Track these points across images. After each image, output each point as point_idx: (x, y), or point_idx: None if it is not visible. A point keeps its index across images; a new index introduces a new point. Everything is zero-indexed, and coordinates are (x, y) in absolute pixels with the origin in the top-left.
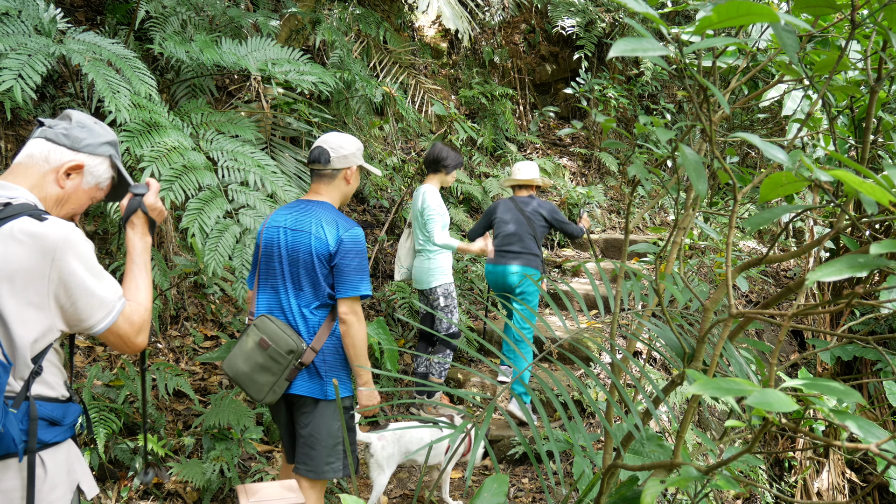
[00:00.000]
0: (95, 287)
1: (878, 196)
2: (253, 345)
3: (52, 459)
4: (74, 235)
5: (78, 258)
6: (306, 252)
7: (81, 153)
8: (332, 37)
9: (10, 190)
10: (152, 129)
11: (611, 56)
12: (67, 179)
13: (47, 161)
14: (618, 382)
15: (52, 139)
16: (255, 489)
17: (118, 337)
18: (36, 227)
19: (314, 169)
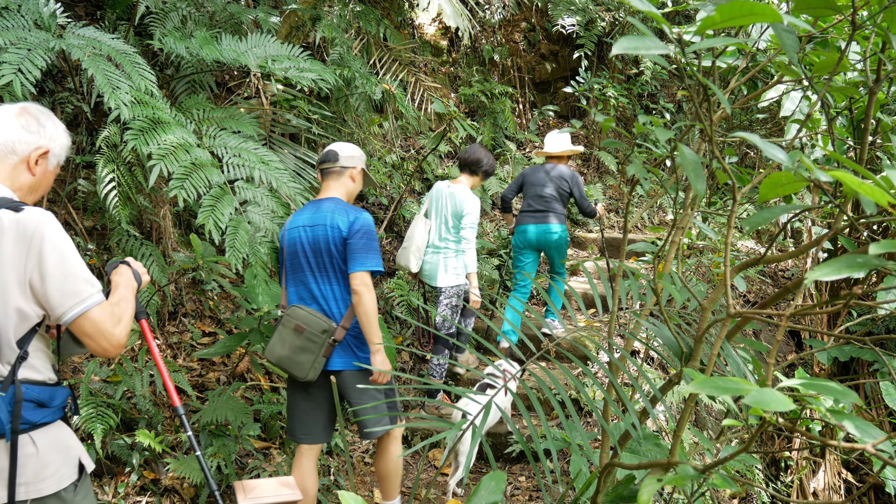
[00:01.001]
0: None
1: (877, 197)
2: (289, 331)
3: (43, 439)
4: (51, 225)
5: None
6: (325, 241)
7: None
8: (332, 34)
9: None
10: (157, 127)
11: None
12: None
13: (14, 153)
14: (615, 381)
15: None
16: (253, 486)
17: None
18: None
19: (324, 168)
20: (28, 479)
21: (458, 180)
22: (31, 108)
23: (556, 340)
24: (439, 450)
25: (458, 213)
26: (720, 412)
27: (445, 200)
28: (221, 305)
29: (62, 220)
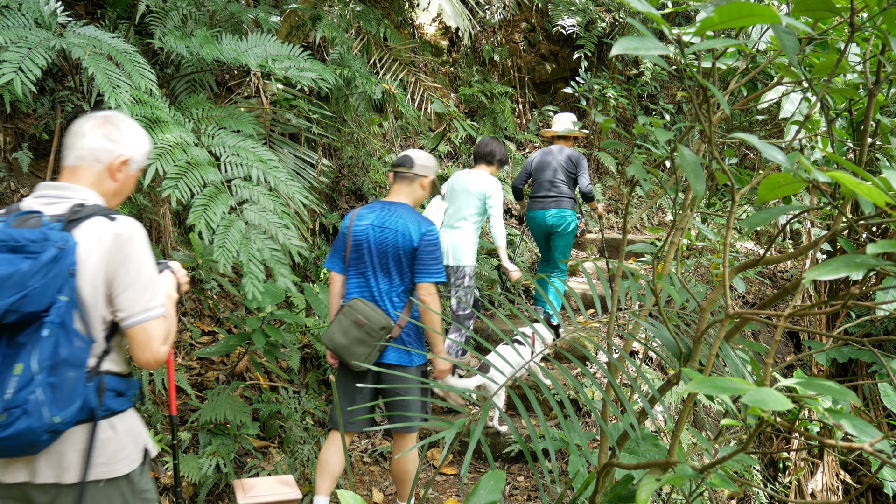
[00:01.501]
0: (143, 286)
1: (875, 198)
2: (349, 322)
3: (120, 424)
4: (139, 236)
5: (137, 257)
6: (393, 246)
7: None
8: (332, 33)
9: (76, 191)
10: (154, 125)
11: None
12: (119, 173)
13: (98, 160)
14: (614, 382)
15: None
16: (252, 484)
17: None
18: (108, 225)
19: (399, 172)
20: (106, 459)
21: (477, 168)
22: (113, 117)
23: (556, 340)
24: (438, 449)
25: (481, 193)
26: (718, 413)
27: (466, 184)
28: (221, 304)
29: None
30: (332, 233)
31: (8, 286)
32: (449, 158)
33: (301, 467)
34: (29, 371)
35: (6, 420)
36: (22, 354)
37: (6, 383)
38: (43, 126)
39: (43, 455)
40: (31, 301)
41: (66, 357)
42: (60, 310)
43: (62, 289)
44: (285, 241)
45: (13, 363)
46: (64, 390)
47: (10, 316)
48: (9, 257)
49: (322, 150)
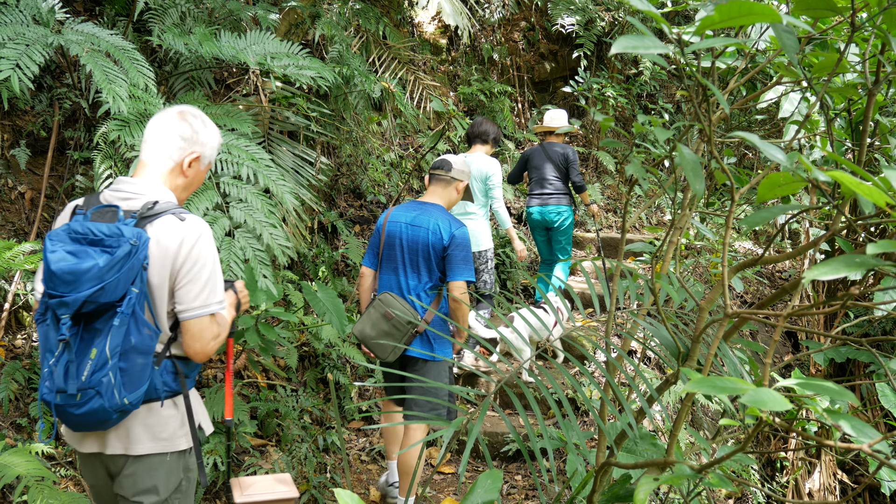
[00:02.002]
0: (205, 284)
1: (876, 198)
2: (378, 315)
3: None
4: (205, 237)
5: (203, 256)
6: (424, 244)
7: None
8: (331, 31)
9: (150, 187)
10: (145, 120)
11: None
12: (189, 168)
13: (171, 158)
14: (612, 381)
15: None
16: (249, 483)
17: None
18: (178, 225)
19: (436, 174)
20: (168, 435)
21: (473, 150)
22: (188, 113)
23: (555, 339)
24: (435, 448)
25: (483, 176)
26: (716, 412)
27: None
28: None
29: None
30: (330, 231)
31: (86, 279)
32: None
33: (299, 465)
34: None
35: (81, 399)
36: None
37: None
38: (41, 123)
39: (113, 429)
40: (106, 293)
41: (136, 344)
42: (132, 301)
43: (135, 281)
44: (270, 240)
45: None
46: (133, 375)
47: (87, 306)
48: (87, 250)
49: (321, 149)
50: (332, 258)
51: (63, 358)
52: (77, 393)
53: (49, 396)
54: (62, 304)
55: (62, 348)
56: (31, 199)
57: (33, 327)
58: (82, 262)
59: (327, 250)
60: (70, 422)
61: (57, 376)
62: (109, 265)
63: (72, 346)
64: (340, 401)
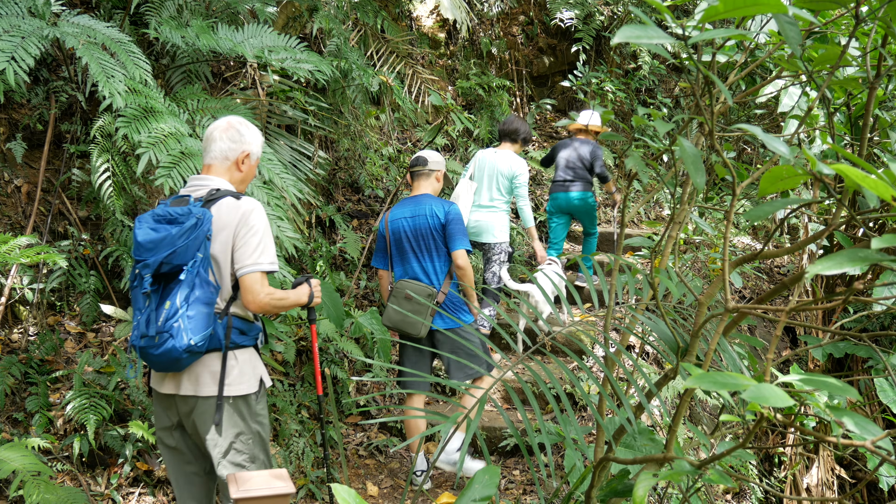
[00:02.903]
0: (256, 247)
1: (881, 191)
2: (400, 300)
3: (242, 356)
4: (257, 211)
5: (255, 225)
6: (426, 228)
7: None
8: (329, 25)
9: (213, 181)
10: (149, 115)
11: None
12: (243, 164)
13: (226, 158)
14: (611, 376)
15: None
16: (245, 478)
17: (250, 285)
18: (236, 203)
19: (415, 171)
20: (231, 381)
21: (502, 147)
22: (234, 121)
23: (553, 334)
24: (434, 443)
25: (510, 174)
26: (715, 407)
27: (494, 164)
28: None
29: (56, 210)
30: (328, 225)
31: (163, 245)
32: (446, 151)
33: (296, 461)
34: (174, 306)
35: (159, 341)
36: (170, 294)
37: (159, 315)
38: (37, 116)
39: (185, 374)
40: (178, 256)
41: (199, 297)
42: (197, 263)
43: (200, 248)
44: (279, 233)
45: (164, 301)
46: (198, 321)
47: (164, 266)
48: (165, 226)
49: (318, 143)
50: (329, 252)
51: (146, 310)
52: (155, 335)
53: (136, 341)
54: (145, 266)
55: (145, 302)
56: (28, 192)
57: (30, 321)
58: (160, 233)
59: (325, 245)
60: (151, 361)
61: (140, 324)
62: (179, 234)
63: (152, 299)
64: (338, 395)
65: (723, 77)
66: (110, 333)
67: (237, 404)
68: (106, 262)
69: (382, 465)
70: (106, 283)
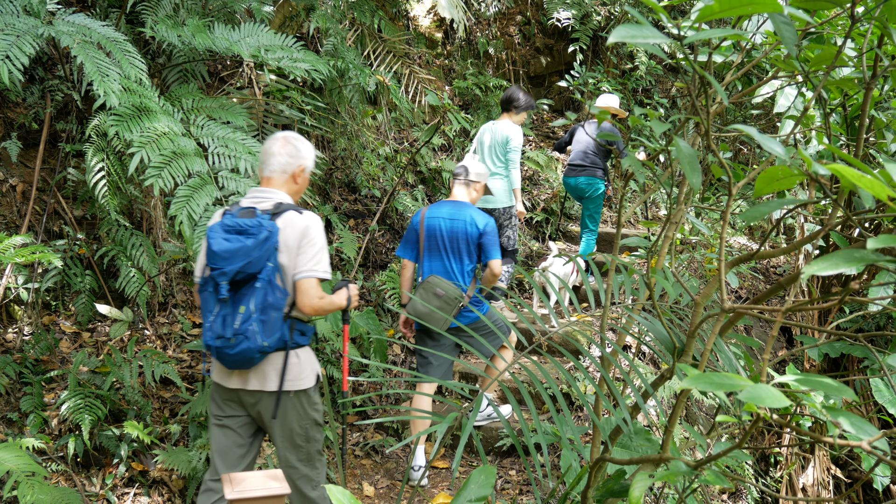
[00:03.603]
0: (314, 256)
1: (877, 191)
2: (430, 294)
3: (302, 354)
4: (317, 225)
5: (314, 237)
6: (463, 233)
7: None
8: (326, 24)
9: (274, 194)
10: (142, 114)
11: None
12: (299, 177)
13: (284, 171)
14: (607, 376)
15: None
16: (240, 479)
17: (306, 289)
18: (297, 217)
19: (458, 178)
20: (293, 377)
21: (502, 118)
22: (290, 137)
23: (549, 334)
24: (430, 443)
25: (504, 140)
26: (711, 407)
27: (493, 133)
28: None
29: (51, 209)
30: (325, 225)
31: (238, 255)
32: (443, 151)
33: None
34: (248, 311)
35: (235, 342)
36: (244, 300)
37: (235, 318)
38: (32, 115)
39: (252, 371)
40: (252, 265)
41: (271, 302)
42: (268, 272)
43: (270, 258)
44: None
45: (239, 305)
46: (269, 325)
47: (238, 275)
48: (238, 237)
49: (315, 142)
50: None
51: (220, 313)
52: (232, 337)
53: (211, 342)
54: (222, 274)
55: (220, 306)
56: (23, 192)
57: (25, 321)
58: (234, 244)
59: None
60: (226, 360)
61: (216, 327)
62: (254, 246)
63: (228, 304)
64: (334, 396)
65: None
66: (105, 333)
67: (298, 396)
68: (101, 262)
69: (378, 465)
70: (101, 283)
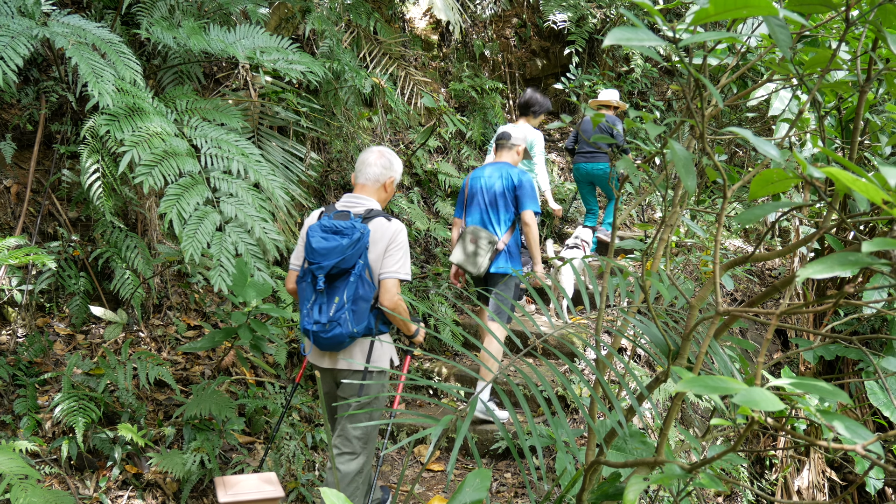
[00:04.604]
0: (398, 260)
1: (872, 194)
2: (468, 242)
3: (384, 339)
4: (402, 232)
5: (400, 243)
6: (500, 188)
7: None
8: (322, 26)
9: (366, 201)
10: (135, 114)
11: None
12: (388, 187)
13: (377, 181)
14: (602, 379)
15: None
16: (234, 482)
17: (388, 287)
18: (386, 222)
19: (500, 142)
20: (375, 358)
21: (520, 121)
22: (384, 151)
23: (544, 337)
24: (424, 445)
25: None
26: (706, 410)
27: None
28: (207, 299)
29: (45, 211)
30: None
31: (334, 253)
32: (439, 153)
33: (287, 463)
34: (342, 301)
35: (330, 328)
36: (338, 291)
37: (330, 307)
38: (27, 116)
39: (341, 352)
40: (346, 262)
41: (361, 295)
42: (359, 268)
43: (361, 256)
44: (263, 235)
45: (334, 296)
46: (359, 314)
47: (334, 270)
48: (335, 237)
49: (311, 144)
50: None
51: (317, 302)
52: (327, 323)
53: (308, 326)
54: (319, 268)
55: (316, 296)
56: (17, 193)
57: (18, 323)
58: (331, 243)
59: None
60: (321, 343)
61: (314, 313)
62: (348, 245)
63: (323, 294)
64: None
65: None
66: (100, 335)
67: (377, 375)
68: (96, 264)
69: (373, 467)
70: (96, 285)
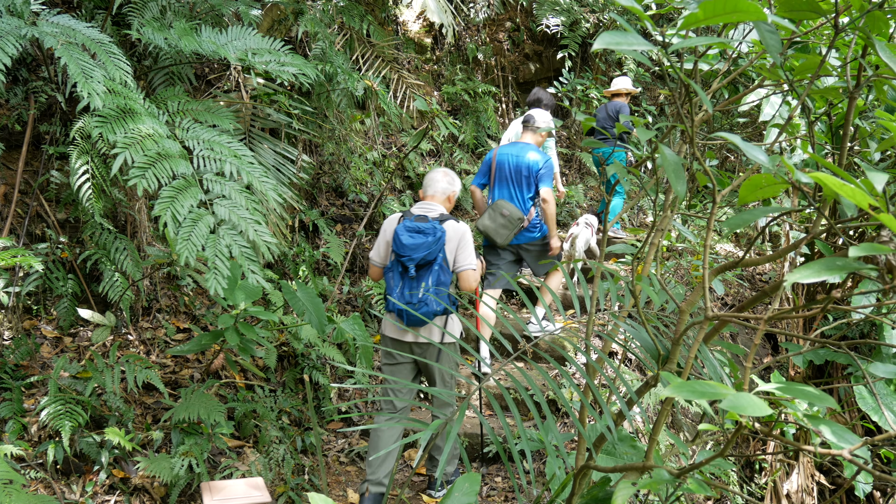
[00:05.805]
0: (469, 255)
1: (859, 199)
2: (497, 214)
3: (454, 318)
4: (469, 232)
5: (469, 241)
6: (526, 167)
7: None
8: (314, 28)
9: (437, 208)
10: (126, 116)
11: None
12: (452, 198)
13: (444, 193)
14: (592, 383)
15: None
16: (220, 487)
17: (467, 276)
18: (456, 224)
19: (526, 125)
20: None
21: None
22: (447, 171)
23: (535, 341)
24: (414, 449)
25: None
26: (696, 414)
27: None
28: (196, 301)
29: (33, 212)
30: (311, 230)
31: (421, 248)
32: (431, 156)
33: (276, 467)
34: (428, 285)
35: (418, 307)
36: (424, 278)
37: (418, 290)
38: (15, 117)
39: (423, 328)
40: (430, 255)
41: (442, 281)
42: (439, 260)
43: (441, 250)
44: (256, 237)
45: (420, 282)
46: (440, 296)
47: (422, 261)
48: (419, 235)
49: (303, 147)
50: (312, 257)
51: (406, 286)
52: (417, 303)
53: (400, 307)
54: (410, 260)
55: (405, 282)
56: (5, 194)
57: (5, 326)
58: (417, 240)
59: (308, 249)
60: (410, 320)
61: (405, 295)
62: (431, 241)
63: (413, 281)
64: (319, 402)
65: (706, 85)
66: (87, 338)
67: (451, 347)
68: (84, 266)
69: (363, 471)
70: (84, 287)
